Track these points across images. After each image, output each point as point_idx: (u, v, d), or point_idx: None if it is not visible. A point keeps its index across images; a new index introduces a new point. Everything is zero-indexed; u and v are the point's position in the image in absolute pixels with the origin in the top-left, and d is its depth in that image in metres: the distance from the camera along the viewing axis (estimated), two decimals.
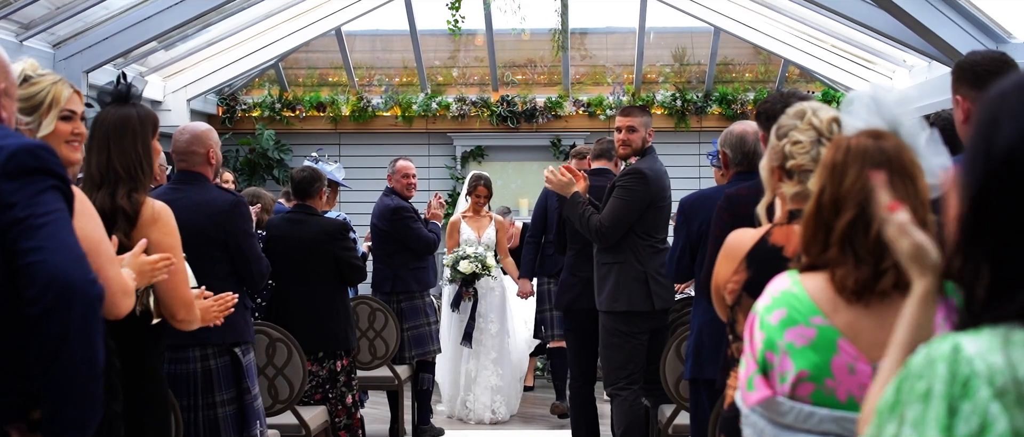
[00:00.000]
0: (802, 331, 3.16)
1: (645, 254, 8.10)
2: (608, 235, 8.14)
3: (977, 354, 1.86)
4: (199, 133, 6.48)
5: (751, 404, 3.25)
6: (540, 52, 14.99)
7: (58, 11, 10.36)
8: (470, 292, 11.42)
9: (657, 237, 8.16)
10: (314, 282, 8.43)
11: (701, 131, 14.92)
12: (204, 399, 6.24)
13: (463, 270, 11.16)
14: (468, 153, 15.25)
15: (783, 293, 3.25)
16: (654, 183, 8.11)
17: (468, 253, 11.22)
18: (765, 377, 3.25)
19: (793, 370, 3.16)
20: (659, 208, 8.15)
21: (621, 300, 8.13)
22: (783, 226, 4.09)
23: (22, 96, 4.11)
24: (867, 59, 13.02)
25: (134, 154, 4.86)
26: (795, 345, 3.17)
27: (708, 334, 6.03)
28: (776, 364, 3.21)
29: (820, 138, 4.04)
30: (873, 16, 10.19)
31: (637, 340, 8.12)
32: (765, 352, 3.23)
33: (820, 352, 3.16)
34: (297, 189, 8.68)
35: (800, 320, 3.18)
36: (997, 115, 1.96)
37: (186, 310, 4.78)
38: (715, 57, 14.50)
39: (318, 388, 8.41)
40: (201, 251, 6.22)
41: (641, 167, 8.22)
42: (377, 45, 15.58)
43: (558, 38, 12.64)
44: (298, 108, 15.20)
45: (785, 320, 3.19)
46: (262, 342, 7.64)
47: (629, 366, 8.13)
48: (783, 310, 3.21)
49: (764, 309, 3.26)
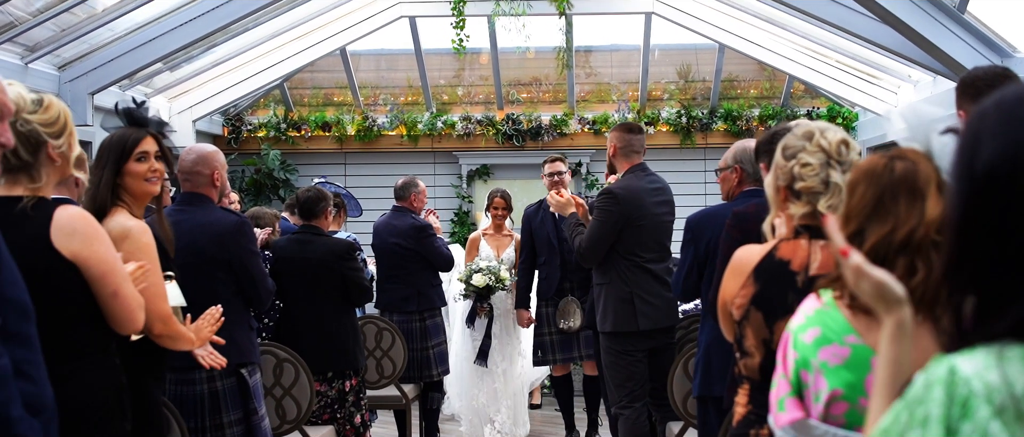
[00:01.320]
0: (836, 350, 3.16)
1: (629, 273, 8.12)
2: (586, 257, 8.29)
3: (974, 374, 1.86)
4: (204, 154, 6.49)
5: (782, 425, 3.24)
6: (545, 70, 14.97)
7: (63, 33, 10.38)
8: (485, 308, 11.15)
9: (642, 256, 8.14)
10: (321, 302, 8.43)
11: (706, 147, 14.89)
12: (211, 420, 6.25)
13: (476, 284, 10.89)
14: (474, 172, 15.24)
15: (817, 312, 3.25)
16: (627, 202, 8.11)
17: (481, 266, 10.99)
18: (798, 398, 3.25)
19: (827, 389, 3.16)
20: (637, 227, 8.12)
21: (608, 320, 8.18)
22: (789, 241, 4.10)
23: (45, 120, 4.16)
24: (872, 75, 13.00)
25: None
26: (829, 364, 3.17)
27: (716, 351, 6.01)
28: (810, 383, 3.21)
29: (829, 160, 4.04)
30: (878, 32, 10.18)
31: (633, 358, 8.13)
32: (799, 371, 3.23)
33: (854, 371, 3.15)
34: (303, 210, 8.69)
35: (834, 339, 3.17)
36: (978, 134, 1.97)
37: (162, 324, 4.78)
38: (720, 74, 14.46)
39: (326, 408, 8.41)
40: (206, 272, 6.24)
41: (613, 187, 8.29)
42: (382, 64, 15.57)
43: (563, 56, 12.64)
44: (303, 128, 15.19)
45: (819, 339, 3.19)
46: (269, 362, 7.64)
47: (629, 384, 8.14)
48: (817, 329, 3.21)
49: (798, 328, 3.26)
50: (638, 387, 8.14)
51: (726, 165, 6.46)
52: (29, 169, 4.12)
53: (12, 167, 4.10)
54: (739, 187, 6.35)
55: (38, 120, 4.15)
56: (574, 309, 10.39)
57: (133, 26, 11.04)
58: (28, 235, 4.10)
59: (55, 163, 4.18)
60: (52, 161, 4.17)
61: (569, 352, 10.70)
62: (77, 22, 10.40)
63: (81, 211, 4.19)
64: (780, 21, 12.59)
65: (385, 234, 10.56)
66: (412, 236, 10.39)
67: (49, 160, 4.16)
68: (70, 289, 4.18)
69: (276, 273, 8.18)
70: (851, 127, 14.37)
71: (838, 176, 4.03)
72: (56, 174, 4.21)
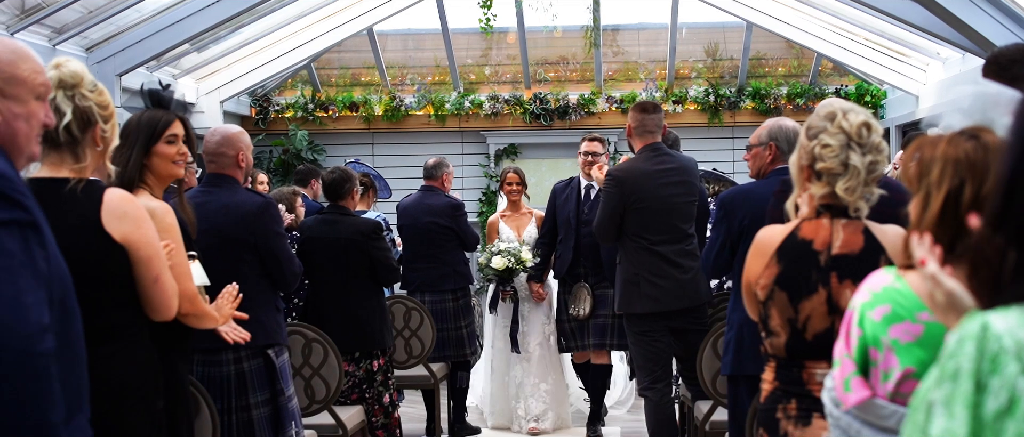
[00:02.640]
0: (908, 327, 3.12)
1: (636, 255, 8.12)
2: (599, 237, 8.48)
3: (1006, 331, 1.86)
4: (229, 135, 6.48)
5: (850, 406, 3.20)
6: (572, 49, 14.94)
7: (91, 15, 10.40)
8: (509, 291, 10.69)
9: (648, 239, 8.09)
10: (349, 282, 8.43)
11: (734, 126, 14.86)
12: (238, 401, 6.26)
13: (496, 266, 10.41)
14: (501, 151, 15.25)
15: (885, 289, 3.20)
16: (624, 184, 8.11)
17: (501, 248, 10.51)
18: (864, 377, 3.21)
19: (899, 367, 3.13)
20: (639, 209, 8.09)
21: (619, 301, 8.19)
22: (812, 220, 4.10)
23: (101, 102, 4.19)
24: (901, 52, 12.94)
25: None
26: (900, 341, 3.13)
27: (748, 330, 5.98)
28: (880, 361, 3.18)
29: (849, 142, 4.02)
30: (906, 9, 10.13)
31: (651, 339, 8.11)
32: (867, 349, 3.19)
33: (927, 349, 3.11)
34: (329, 190, 8.69)
35: (906, 316, 3.13)
36: None
37: (189, 303, 4.78)
38: (748, 52, 14.43)
39: (355, 388, 8.41)
40: (231, 253, 6.25)
41: (614, 170, 8.35)
42: (409, 44, 15.57)
43: (590, 35, 12.61)
44: (331, 108, 15.21)
45: (889, 316, 3.15)
46: (298, 343, 7.65)
47: (649, 365, 8.13)
48: (887, 306, 3.17)
49: (864, 305, 3.21)
50: (659, 368, 8.12)
51: (759, 142, 6.40)
52: (74, 148, 4.12)
53: (59, 144, 4.10)
54: (772, 164, 6.31)
55: (95, 100, 4.16)
56: (584, 294, 10.13)
57: (160, 7, 11.06)
58: (78, 216, 4.10)
59: (98, 147, 4.18)
60: (95, 144, 4.17)
61: (583, 340, 10.31)
62: (104, 3, 10.42)
63: (128, 194, 4.19)
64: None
65: (418, 213, 10.53)
66: (448, 214, 10.39)
67: (93, 142, 4.16)
68: (118, 271, 4.19)
69: (303, 253, 8.18)
70: (880, 105, 14.32)
71: (857, 158, 4.02)
72: (97, 159, 4.22)
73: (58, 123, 4.02)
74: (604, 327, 10.13)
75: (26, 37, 9.66)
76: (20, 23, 9.46)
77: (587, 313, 10.10)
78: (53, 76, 4.03)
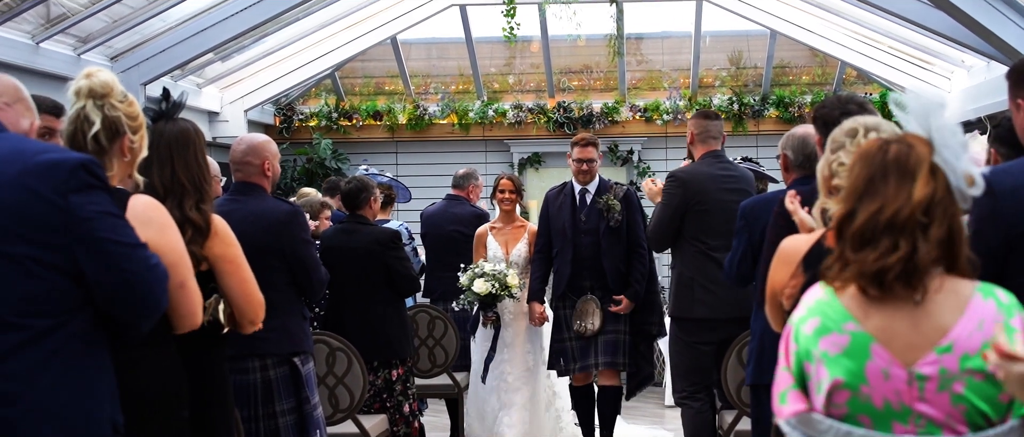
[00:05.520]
0: (835, 339, 3.15)
1: (693, 259, 8.10)
2: (653, 242, 8.43)
3: None
4: (255, 144, 6.50)
5: (785, 417, 3.23)
6: (596, 58, 14.94)
7: (115, 24, 10.45)
8: (491, 317, 9.68)
9: (707, 243, 8.06)
10: (367, 291, 8.45)
11: (758, 134, 14.83)
12: (264, 409, 6.27)
13: (478, 290, 9.44)
14: (525, 160, 15.25)
15: (817, 302, 3.24)
16: (689, 186, 8.10)
17: (486, 270, 9.52)
18: (802, 390, 3.24)
19: (828, 378, 3.15)
20: (701, 212, 8.07)
21: (672, 304, 8.15)
22: None
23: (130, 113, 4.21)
24: (925, 60, 12.92)
25: (196, 166, 4.88)
26: (829, 353, 3.15)
27: (770, 339, 5.96)
28: (812, 374, 3.20)
29: None
30: (930, 16, 10.12)
31: (698, 350, 8.06)
32: (802, 363, 3.23)
33: (854, 358, 3.13)
34: (346, 200, 8.71)
35: (833, 328, 3.16)
36: None
37: (263, 310, 4.82)
38: (772, 60, 14.41)
39: (376, 397, 8.42)
40: (259, 261, 6.23)
41: (678, 172, 8.30)
42: (433, 53, 15.61)
43: (614, 43, 12.60)
44: (355, 117, 15.24)
45: (819, 329, 3.18)
46: (322, 351, 7.67)
47: (691, 375, 8.08)
48: (817, 319, 3.20)
49: (799, 320, 3.25)
50: (701, 379, 8.07)
51: (779, 151, 6.42)
52: (101, 157, 4.12)
53: (88, 153, 4.11)
54: (787, 173, 6.30)
55: (125, 110, 4.17)
56: (593, 309, 9.25)
57: (184, 16, 11.11)
58: None
59: (124, 158, 4.19)
60: (123, 155, 4.18)
61: (587, 359, 9.31)
62: (129, 13, 10.47)
63: (153, 200, 4.19)
64: (832, 6, 12.54)
65: (442, 222, 10.54)
66: (473, 224, 10.37)
67: (120, 153, 4.17)
68: None
69: (323, 263, 8.20)
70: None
71: None
72: (124, 169, 4.22)
73: (87, 132, 4.05)
74: (615, 344, 9.29)
75: (51, 46, 9.72)
76: (45, 32, 9.52)
77: (597, 328, 9.23)
78: (83, 85, 4.06)
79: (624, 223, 9.29)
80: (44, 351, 3.48)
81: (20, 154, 3.55)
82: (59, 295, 3.51)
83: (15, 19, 9.03)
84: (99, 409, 3.63)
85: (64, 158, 3.56)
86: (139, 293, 3.65)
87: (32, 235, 3.47)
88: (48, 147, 3.69)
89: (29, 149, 3.60)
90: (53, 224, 3.48)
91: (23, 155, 3.54)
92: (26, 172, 3.49)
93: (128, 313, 3.67)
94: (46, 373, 3.47)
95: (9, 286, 3.46)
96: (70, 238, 3.50)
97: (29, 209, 3.47)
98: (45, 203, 3.47)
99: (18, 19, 9.09)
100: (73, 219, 3.49)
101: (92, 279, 3.54)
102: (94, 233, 3.53)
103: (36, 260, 3.46)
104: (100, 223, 3.55)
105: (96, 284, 3.55)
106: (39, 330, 3.47)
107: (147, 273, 3.67)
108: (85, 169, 3.55)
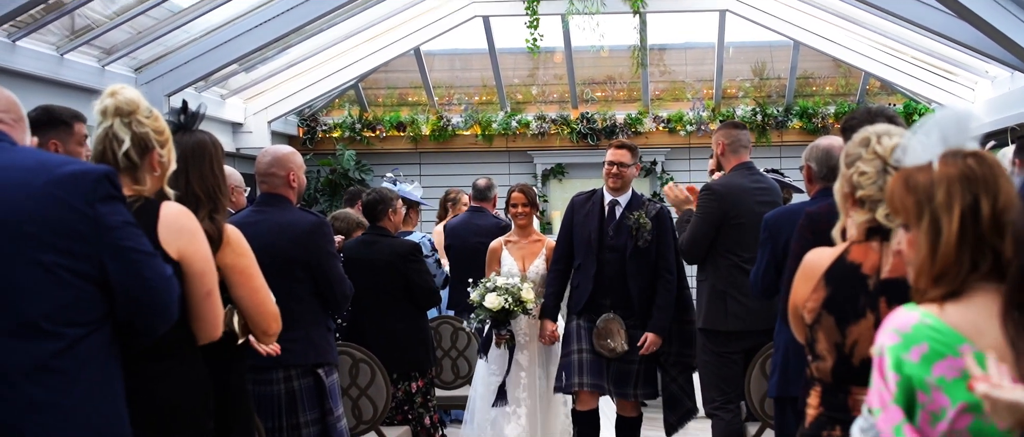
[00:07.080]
0: (952, 363, 2.94)
1: (726, 272, 8.02)
2: (686, 255, 8.25)
3: None
4: (280, 156, 6.52)
5: None
6: (619, 69, 14.96)
7: (140, 36, 10.48)
8: (505, 336, 8.93)
9: (740, 255, 7.98)
10: (387, 304, 8.46)
11: (782, 146, 14.79)
12: (288, 420, 6.28)
13: (491, 306, 8.73)
14: (548, 171, 15.25)
15: (916, 327, 3.01)
16: (726, 199, 8.05)
17: (499, 284, 8.83)
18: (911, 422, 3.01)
19: (952, 405, 2.94)
20: (736, 225, 8.01)
21: (701, 316, 8.10)
22: (861, 244, 4.07)
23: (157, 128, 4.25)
24: (949, 70, 12.89)
25: (211, 177, 4.89)
26: (946, 379, 2.94)
27: (794, 352, 5.95)
28: (927, 403, 2.98)
29: (885, 167, 4.01)
30: (954, 27, 10.09)
31: (727, 361, 8.02)
32: (915, 391, 2.99)
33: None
34: (366, 212, 8.73)
35: (946, 352, 2.95)
36: None
37: (277, 322, 4.82)
38: (795, 71, 14.39)
39: (398, 409, 8.42)
40: (285, 272, 6.26)
41: (713, 183, 8.21)
42: (456, 64, 15.61)
43: (637, 54, 12.59)
44: (378, 128, 15.26)
45: (928, 355, 2.97)
46: (345, 363, 7.68)
47: (722, 386, 8.03)
48: (923, 345, 2.98)
49: (894, 348, 3.02)
50: (731, 390, 8.02)
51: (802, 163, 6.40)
52: (134, 172, 4.16)
53: (121, 168, 4.14)
54: (811, 184, 6.28)
55: (151, 126, 4.20)
56: (617, 328, 8.59)
57: (209, 28, 11.14)
58: None
59: (155, 172, 4.22)
60: (152, 169, 4.21)
61: (598, 378, 8.60)
62: (153, 24, 10.50)
63: (184, 208, 4.21)
64: (855, 17, 12.51)
65: (466, 233, 10.52)
66: (497, 235, 10.23)
67: (151, 167, 4.20)
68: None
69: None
70: None
71: None
72: (155, 183, 4.25)
73: (118, 149, 4.09)
74: (628, 375, 8.66)
75: (76, 58, 9.75)
76: (70, 44, 9.55)
77: (623, 349, 8.58)
78: (109, 104, 4.11)
79: (653, 245, 8.64)
80: (78, 360, 3.53)
81: (43, 165, 3.62)
82: (88, 304, 3.57)
83: (40, 30, 9.06)
84: (123, 418, 3.67)
85: (88, 169, 3.64)
86: (158, 301, 3.73)
87: (61, 243, 3.52)
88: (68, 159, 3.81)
89: (51, 161, 3.70)
90: (81, 232, 3.54)
91: (47, 166, 3.61)
92: (52, 182, 3.55)
93: (146, 320, 3.74)
94: (80, 381, 3.53)
95: (44, 294, 3.51)
96: (97, 246, 3.57)
97: (58, 218, 3.53)
98: (73, 212, 3.53)
99: (43, 30, 9.13)
100: (101, 227, 3.57)
101: (117, 286, 3.60)
102: (120, 242, 3.61)
103: (66, 268, 3.52)
104: (124, 232, 3.64)
105: (121, 290, 3.61)
106: (72, 338, 3.52)
107: (164, 282, 3.76)
108: (108, 180, 3.63)
